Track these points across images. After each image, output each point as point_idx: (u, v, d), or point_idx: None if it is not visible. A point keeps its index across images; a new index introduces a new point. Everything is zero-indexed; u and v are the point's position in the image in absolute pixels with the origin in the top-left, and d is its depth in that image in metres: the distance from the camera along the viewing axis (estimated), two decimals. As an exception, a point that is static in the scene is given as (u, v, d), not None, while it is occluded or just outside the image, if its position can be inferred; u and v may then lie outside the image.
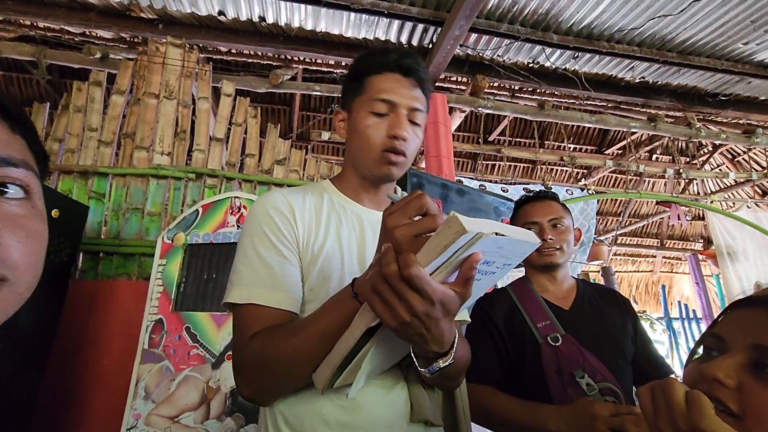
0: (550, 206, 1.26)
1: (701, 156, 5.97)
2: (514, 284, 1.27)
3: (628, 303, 1.27)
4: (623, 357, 1.13)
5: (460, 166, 5.72)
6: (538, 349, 1.09)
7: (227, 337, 1.69)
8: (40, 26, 2.84)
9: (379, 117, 0.77)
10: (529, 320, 1.15)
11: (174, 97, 2.45)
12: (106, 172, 2.19)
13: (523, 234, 0.55)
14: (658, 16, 2.70)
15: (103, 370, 1.73)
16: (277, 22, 2.78)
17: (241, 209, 1.88)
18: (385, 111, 0.77)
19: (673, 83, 3.46)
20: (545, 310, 1.16)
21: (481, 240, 0.49)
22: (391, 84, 0.77)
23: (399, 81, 0.78)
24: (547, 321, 1.13)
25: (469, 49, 3.03)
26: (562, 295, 1.23)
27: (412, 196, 0.57)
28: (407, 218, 0.55)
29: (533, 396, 1.03)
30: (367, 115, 0.77)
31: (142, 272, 2.03)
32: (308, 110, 4.78)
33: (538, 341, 1.10)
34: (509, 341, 1.14)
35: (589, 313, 1.18)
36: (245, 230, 0.76)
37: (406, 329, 0.52)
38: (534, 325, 1.13)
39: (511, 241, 0.53)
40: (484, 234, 0.48)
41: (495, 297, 1.24)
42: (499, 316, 1.18)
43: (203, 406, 1.60)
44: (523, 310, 1.17)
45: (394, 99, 0.76)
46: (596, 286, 1.32)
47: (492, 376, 1.11)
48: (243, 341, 0.66)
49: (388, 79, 0.77)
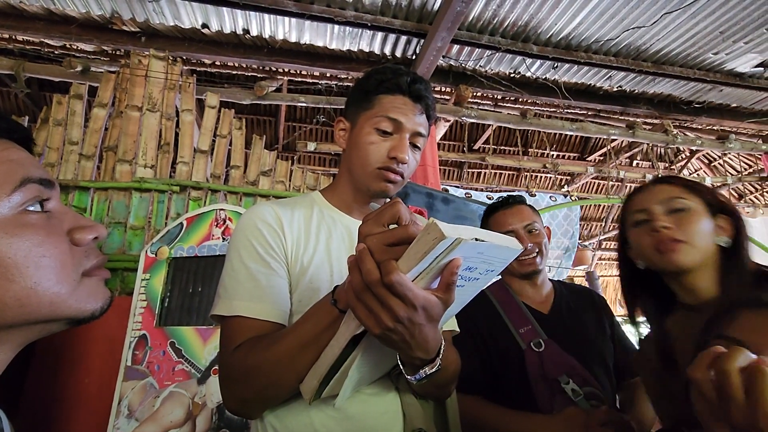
0: (521, 212, 1.23)
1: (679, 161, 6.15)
2: (493, 288, 1.24)
3: (604, 301, 1.28)
4: (603, 359, 1.13)
5: (446, 175, 5.78)
6: (522, 355, 1.07)
7: (213, 352, 1.66)
8: (19, 39, 2.80)
9: (383, 135, 0.78)
10: (511, 326, 1.13)
11: (157, 109, 2.43)
12: (88, 186, 2.15)
13: (503, 240, 0.56)
14: (632, 27, 2.79)
15: (84, 389, 1.68)
16: (261, 34, 2.79)
17: (227, 221, 1.86)
18: (390, 130, 0.78)
19: (649, 92, 3.57)
20: (526, 315, 1.14)
21: (460, 246, 0.50)
22: (400, 106, 0.78)
23: (408, 105, 0.79)
24: (529, 326, 1.11)
25: (452, 60, 3.08)
26: (541, 299, 1.21)
27: (386, 205, 0.58)
28: (381, 226, 0.55)
29: (518, 403, 1.02)
30: (371, 132, 0.78)
31: (125, 287, 1.99)
32: (294, 121, 4.78)
33: (521, 347, 1.08)
34: (492, 348, 1.12)
35: (568, 316, 1.17)
36: (233, 243, 0.75)
37: (390, 336, 0.52)
38: (516, 331, 1.11)
39: (492, 246, 0.54)
40: (464, 239, 0.49)
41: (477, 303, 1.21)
42: (482, 322, 1.16)
43: (189, 422, 1.56)
44: (505, 315, 1.15)
45: (401, 120, 0.78)
46: (571, 286, 1.31)
47: (478, 385, 1.09)
48: (227, 353, 0.66)
49: (398, 101, 0.79)
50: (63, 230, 0.44)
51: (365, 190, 0.82)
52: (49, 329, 0.43)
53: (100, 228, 0.47)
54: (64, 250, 0.42)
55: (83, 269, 0.44)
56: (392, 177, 0.79)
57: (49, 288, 0.40)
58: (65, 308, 0.42)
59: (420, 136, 0.81)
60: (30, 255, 0.39)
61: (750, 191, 6.12)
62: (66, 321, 0.43)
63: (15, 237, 0.39)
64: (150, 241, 1.86)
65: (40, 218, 0.42)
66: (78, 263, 0.44)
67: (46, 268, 0.40)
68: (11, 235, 0.39)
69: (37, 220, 0.41)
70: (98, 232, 0.46)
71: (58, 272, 0.41)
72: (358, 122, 0.82)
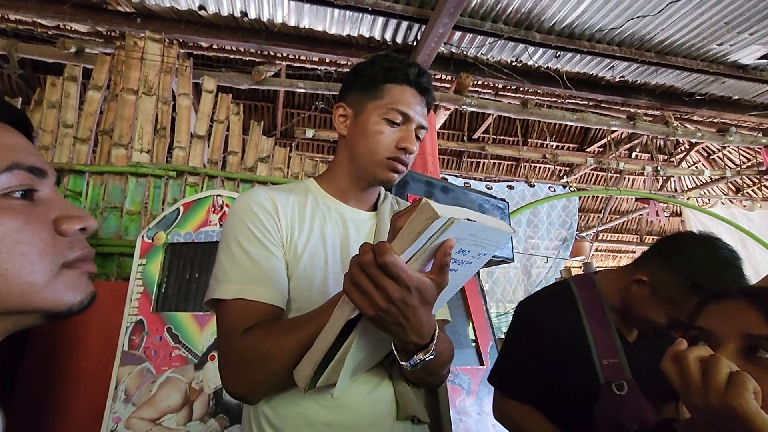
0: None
1: (678, 154, 6.14)
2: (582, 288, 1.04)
3: None
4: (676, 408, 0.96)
5: (445, 164, 5.76)
6: (596, 391, 0.90)
7: (210, 338, 1.66)
8: (11, 19, 2.73)
9: (391, 126, 0.79)
10: (594, 351, 0.94)
11: (153, 93, 2.39)
12: (83, 170, 2.12)
13: (495, 222, 0.56)
14: (637, 16, 2.75)
15: (80, 373, 1.68)
16: (259, 17, 2.74)
17: (224, 207, 1.85)
18: (399, 121, 0.79)
19: (651, 82, 3.54)
20: (615, 345, 0.95)
21: (453, 226, 0.50)
22: (409, 98, 0.80)
23: (415, 97, 0.81)
24: (615, 359, 0.93)
25: (453, 47, 3.04)
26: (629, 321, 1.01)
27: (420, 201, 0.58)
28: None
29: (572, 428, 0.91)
30: (380, 121, 0.79)
31: (121, 272, 1.98)
32: (292, 107, 4.73)
33: (598, 381, 0.91)
34: (563, 361, 0.96)
35: (654, 350, 0.92)
36: (228, 227, 0.75)
37: (385, 318, 0.53)
38: (599, 361, 0.93)
39: (484, 228, 0.54)
40: (456, 219, 0.50)
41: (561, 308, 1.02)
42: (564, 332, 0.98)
43: (186, 407, 1.57)
44: (590, 334, 0.96)
45: (411, 114, 0.79)
46: None
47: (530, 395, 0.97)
48: (234, 336, 0.65)
49: (407, 93, 0.80)
50: (48, 218, 0.41)
51: (369, 178, 0.82)
52: (24, 322, 0.41)
53: (89, 219, 0.44)
54: (44, 238, 0.40)
55: (65, 260, 0.41)
56: (399, 167, 0.80)
57: (21, 277, 0.38)
58: (38, 300, 0.39)
59: (423, 128, 0.82)
60: (4, 240, 0.37)
61: (748, 185, 6.13)
62: (41, 314, 0.40)
63: None
64: (146, 227, 1.84)
65: (24, 204, 0.40)
66: (59, 254, 0.41)
67: (19, 255, 0.38)
68: None
69: (18, 205, 0.39)
70: (86, 222, 0.44)
71: (33, 261, 0.38)
72: (365, 110, 0.81)
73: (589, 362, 0.93)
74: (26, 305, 0.39)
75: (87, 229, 0.44)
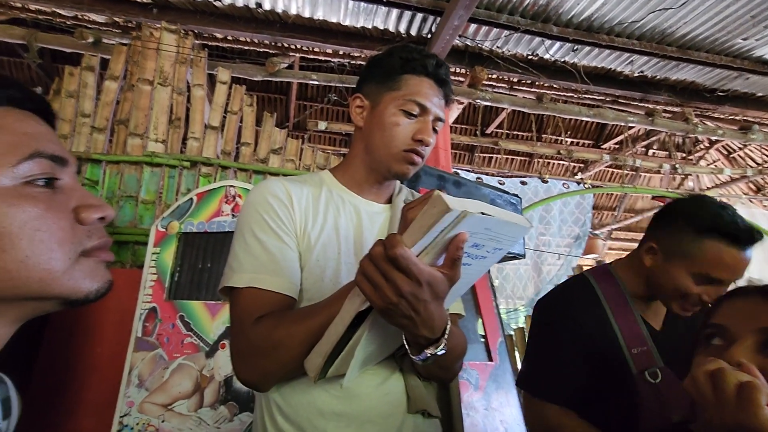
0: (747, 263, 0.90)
1: (697, 152, 5.99)
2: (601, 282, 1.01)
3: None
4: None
5: (457, 159, 5.71)
6: (631, 381, 0.89)
7: (221, 327, 1.68)
8: (31, 9, 2.77)
9: (408, 117, 0.77)
10: (623, 341, 0.93)
11: (168, 83, 2.41)
12: (100, 159, 2.16)
13: (511, 216, 0.54)
14: (658, 9, 2.67)
15: (96, 358, 1.72)
16: (273, 8, 2.73)
17: (236, 198, 1.86)
18: (416, 113, 0.78)
19: (671, 78, 3.45)
20: (642, 332, 0.94)
21: (466, 219, 0.49)
22: (427, 90, 0.78)
23: (433, 89, 0.79)
24: (644, 347, 0.92)
25: (468, 39, 3.00)
26: (654, 308, 1.00)
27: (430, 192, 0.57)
28: None
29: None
30: (397, 113, 0.77)
31: (135, 260, 2.02)
32: (305, 100, 4.73)
33: (630, 371, 0.90)
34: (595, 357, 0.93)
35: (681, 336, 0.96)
36: (243, 217, 0.75)
37: (395, 311, 0.52)
38: (628, 351, 0.92)
39: (499, 222, 0.52)
40: (470, 212, 0.48)
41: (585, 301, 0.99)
42: (591, 326, 0.95)
43: (197, 394, 1.60)
44: (615, 324, 0.94)
45: (428, 105, 0.78)
46: None
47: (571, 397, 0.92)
48: (246, 324, 0.66)
49: (425, 84, 0.79)
50: (68, 207, 0.42)
51: (384, 170, 0.81)
52: (43, 308, 0.42)
53: (108, 208, 0.45)
54: (63, 226, 0.41)
55: (83, 248, 0.42)
56: (416, 159, 0.79)
57: (40, 264, 0.38)
58: (56, 287, 0.40)
59: (440, 120, 0.80)
60: (25, 227, 0.38)
61: (769, 184, 5.96)
62: (59, 301, 0.41)
63: (12, 207, 0.37)
64: (160, 216, 1.87)
65: (45, 191, 0.40)
66: (78, 242, 0.41)
67: (39, 242, 0.38)
68: (9, 205, 0.37)
69: (39, 193, 0.40)
70: (105, 212, 0.44)
71: (52, 248, 0.39)
72: (382, 101, 0.80)
73: (617, 350, 0.92)
74: (44, 292, 0.39)
75: (105, 218, 0.45)
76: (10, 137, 0.39)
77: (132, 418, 1.55)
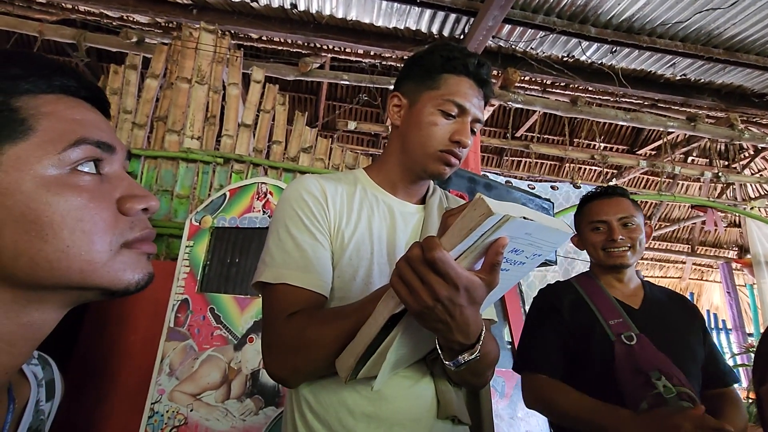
0: (619, 203, 1.20)
1: (741, 160, 5.68)
2: (579, 279, 1.24)
3: (696, 308, 1.22)
4: (694, 361, 1.09)
5: (485, 162, 5.62)
6: (610, 347, 1.05)
7: (250, 321, 1.71)
8: (81, 9, 2.92)
9: (446, 118, 0.76)
10: (600, 316, 1.11)
11: (205, 82, 2.48)
12: (139, 154, 2.24)
13: (553, 222, 0.53)
14: (705, 9, 2.55)
15: (130, 345, 1.79)
16: (308, 9, 2.77)
17: (267, 195, 1.90)
18: (454, 114, 0.76)
19: (716, 82, 3.29)
20: (617, 308, 1.12)
21: (508, 223, 0.47)
22: (467, 90, 0.77)
23: (473, 89, 0.78)
24: (620, 319, 1.09)
25: (502, 40, 2.95)
26: (629, 293, 1.18)
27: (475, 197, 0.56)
28: None
29: (600, 394, 0.98)
30: (435, 112, 0.76)
31: (170, 253, 2.09)
32: (334, 100, 4.78)
33: (610, 339, 1.06)
34: (576, 334, 1.11)
35: (659, 314, 1.14)
36: (278, 213, 0.76)
37: (430, 315, 0.51)
38: (606, 322, 1.09)
39: (541, 227, 0.51)
40: (512, 217, 0.47)
41: (560, 288, 1.22)
42: (566, 307, 1.15)
43: (224, 385, 1.63)
44: (593, 305, 1.13)
45: (467, 106, 0.76)
46: (660, 287, 1.26)
47: (555, 367, 1.09)
48: (279, 321, 0.66)
49: (464, 84, 0.77)
50: (112, 197, 0.41)
51: (419, 170, 0.80)
52: (85, 297, 0.41)
53: (152, 199, 0.44)
54: (106, 217, 0.40)
55: (125, 240, 0.41)
56: (452, 161, 0.77)
57: (81, 254, 0.38)
58: (96, 277, 0.39)
59: (478, 122, 0.79)
60: (67, 217, 0.37)
61: (821, 196, 5.59)
62: (99, 291, 0.41)
63: (56, 196, 0.37)
64: (194, 210, 1.92)
65: (90, 181, 0.40)
66: (120, 233, 0.41)
67: (81, 233, 0.38)
68: (53, 194, 0.37)
69: (85, 182, 0.39)
70: (149, 203, 0.43)
71: (94, 239, 0.38)
72: (420, 100, 0.78)
73: (597, 324, 1.09)
74: (85, 282, 0.39)
75: (149, 210, 0.44)
76: (59, 124, 0.39)
77: (162, 405, 1.60)
